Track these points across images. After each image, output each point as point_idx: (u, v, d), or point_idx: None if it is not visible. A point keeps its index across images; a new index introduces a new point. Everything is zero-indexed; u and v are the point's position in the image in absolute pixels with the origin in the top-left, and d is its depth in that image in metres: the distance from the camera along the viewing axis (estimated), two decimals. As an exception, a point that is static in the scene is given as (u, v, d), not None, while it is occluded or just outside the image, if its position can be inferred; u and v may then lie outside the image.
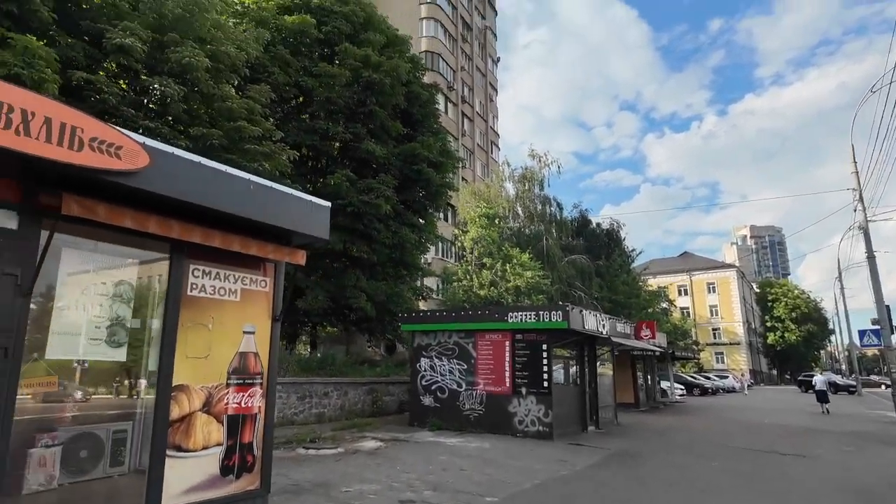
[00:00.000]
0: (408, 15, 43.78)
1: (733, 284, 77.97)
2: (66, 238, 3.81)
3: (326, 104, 15.69)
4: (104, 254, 4.06)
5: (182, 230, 4.25)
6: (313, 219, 5.17)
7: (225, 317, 4.81)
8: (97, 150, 3.41)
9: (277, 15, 16.57)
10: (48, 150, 3.18)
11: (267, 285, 5.25)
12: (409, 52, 19.10)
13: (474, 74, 50.12)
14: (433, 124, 19.22)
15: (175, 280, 4.45)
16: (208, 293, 4.72)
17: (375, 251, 16.07)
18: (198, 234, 4.37)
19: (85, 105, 10.44)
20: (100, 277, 4.04)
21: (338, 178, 14.92)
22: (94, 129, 3.42)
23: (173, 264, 4.46)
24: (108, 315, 4.07)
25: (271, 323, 5.22)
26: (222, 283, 4.84)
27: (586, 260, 35.62)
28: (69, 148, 3.27)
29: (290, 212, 4.94)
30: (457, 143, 44.72)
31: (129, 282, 4.25)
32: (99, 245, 4.02)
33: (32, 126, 3.12)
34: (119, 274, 4.16)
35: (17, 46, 8.65)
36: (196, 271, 4.65)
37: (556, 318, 12.77)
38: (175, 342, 4.37)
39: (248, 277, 5.07)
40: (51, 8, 9.97)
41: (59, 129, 3.23)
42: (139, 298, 4.33)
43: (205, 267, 4.72)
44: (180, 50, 11.06)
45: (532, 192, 37.91)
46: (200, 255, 4.66)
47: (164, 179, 3.90)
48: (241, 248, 4.68)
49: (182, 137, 11.53)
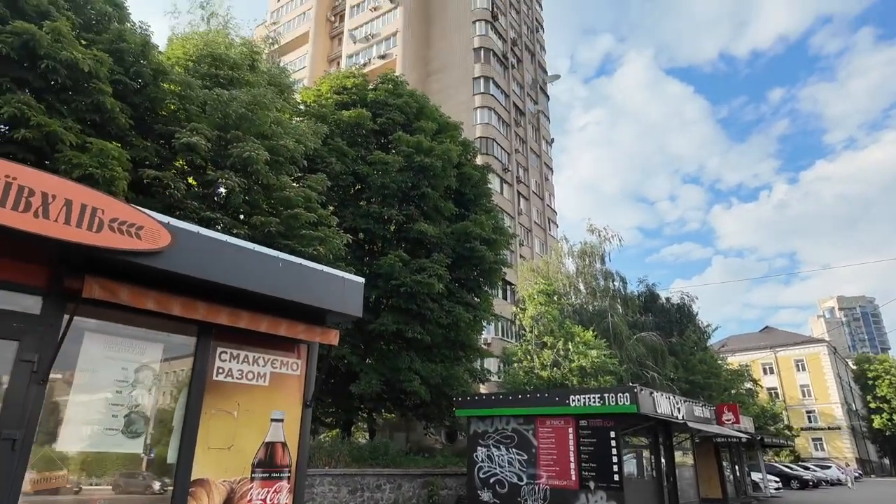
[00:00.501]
0: (463, 105, 45.95)
1: (825, 361, 71.01)
2: (89, 322, 3.74)
3: (381, 189, 16.16)
4: (127, 337, 3.96)
5: (207, 311, 4.12)
6: (346, 296, 4.95)
7: (252, 403, 4.55)
8: (117, 230, 3.38)
9: (336, 111, 17.62)
10: (66, 231, 3.16)
11: (298, 368, 4.99)
12: (460, 136, 19.66)
13: (528, 156, 51.11)
14: (486, 203, 19.33)
15: (200, 364, 4.28)
16: (235, 377, 4.50)
17: (429, 332, 15.74)
18: (224, 315, 4.22)
19: (154, 200, 11.18)
20: (121, 363, 3.91)
21: (391, 259, 15.02)
22: (114, 210, 3.41)
23: (199, 347, 4.31)
24: (128, 403, 3.89)
25: (302, 409, 4.91)
26: (251, 366, 4.63)
27: (657, 337, 33.61)
28: (88, 229, 3.25)
29: (321, 290, 4.75)
30: (513, 221, 44.91)
31: (152, 366, 4.09)
32: (122, 328, 3.93)
33: (52, 208, 3.12)
34: (142, 358, 4.02)
35: (94, 149, 9.41)
36: (223, 354, 4.48)
37: (624, 401, 11.71)
38: (196, 432, 4.12)
39: (279, 360, 4.84)
40: (129, 115, 10.94)
41: (78, 211, 3.22)
42: (161, 384, 4.16)
43: (233, 350, 4.54)
44: (242, 145, 11.76)
45: (593, 268, 36.92)
46: (229, 338, 4.50)
47: (187, 259, 3.82)
48: (269, 329, 4.49)
49: (242, 226, 12.02)
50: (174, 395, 4.20)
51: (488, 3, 49.74)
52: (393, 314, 15.43)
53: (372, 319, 15.48)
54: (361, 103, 17.99)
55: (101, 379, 3.80)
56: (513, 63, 52.13)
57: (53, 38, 9.55)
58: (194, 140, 11.01)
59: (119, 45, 11.14)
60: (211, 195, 12.38)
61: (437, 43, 51.09)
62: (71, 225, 3.18)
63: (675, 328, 37.47)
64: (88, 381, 3.74)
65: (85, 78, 10.04)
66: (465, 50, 48.54)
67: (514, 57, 52.55)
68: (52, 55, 9.49)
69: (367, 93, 18.48)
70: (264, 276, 4.32)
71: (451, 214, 17.43)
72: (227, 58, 13.99)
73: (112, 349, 3.86)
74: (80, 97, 10.14)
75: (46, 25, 9.57)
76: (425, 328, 15.63)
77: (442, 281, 15.45)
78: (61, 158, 9.24)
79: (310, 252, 12.25)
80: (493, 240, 17.55)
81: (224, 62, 13.85)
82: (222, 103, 12.07)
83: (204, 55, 13.90)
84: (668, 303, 40.74)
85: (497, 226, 18.61)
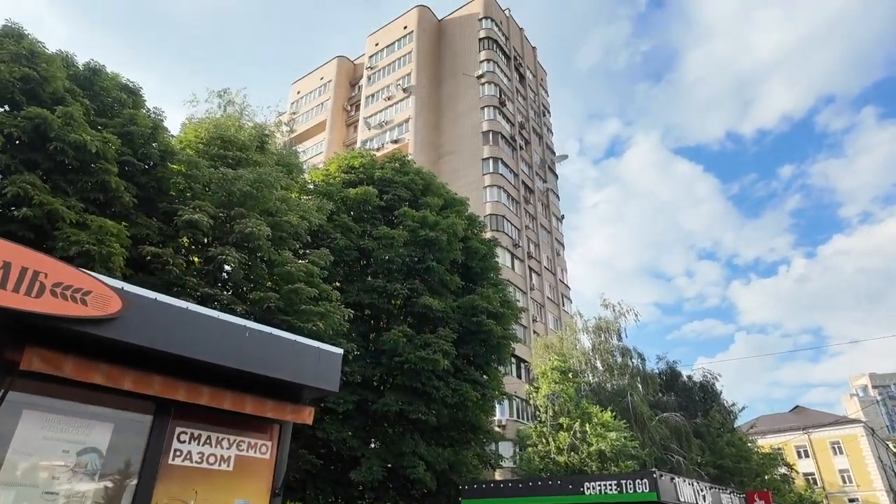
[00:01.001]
0: (473, 184, 47.03)
1: (863, 443, 66.48)
2: (28, 398, 3.42)
3: (386, 263, 16.04)
4: (72, 415, 3.61)
5: (163, 386, 3.80)
6: (322, 369, 4.58)
7: (212, 490, 4.10)
8: (60, 295, 3.14)
9: (343, 188, 17.91)
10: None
11: (268, 451, 4.55)
12: (466, 211, 19.77)
13: (539, 232, 51.43)
14: (493, 276, 19.07)
15: (154, 446, 3.88)
16: (195, 461, 4.08)
17: (435, 412, 14.97)
18: (182, 390, 3.89)
19: (154, 277, 11.11)
20: (62, 444, 3.54)
21: (394, 335, 14.59)
22: (59, 274, 3.19)
23: (155, 427, 3.94)
24: (65, 492, 3.48)
25: (270, 498, 4.41)
26: (213, 448, 4.21)
27: (680, 418, 31.83)
28: (27, 294, 3.02)
29: (294, 362, 4.40)
30: (525, 297, 44.40)
31: (98, 448, 3.71)
32: (67, 405, 3.60)
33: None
34: (86, 439, 3.65)
35: (93, 227, 9.46)
36: (183, 435, 4.08)
37: (643, 489, 10.76)
38: (143, 524, 3.66)
39: (246, 442, 4.42)
40: (134, 194, 11.12)
41: (17, 274, 3.01)
42: (108, 469, 3.75)
43: (194, 430, 4.15)
44: (244, 221, 11.81)
45: (609, 344, 35.78)
46: (191, 416, 4.13)
47: (142, 328, 3.55)
48: (233, 406, 4.12)
49: (241, 303, 11.83)
50: (122, 481, 3.78)
51: (496, 90, 52.14)
52: (397, 393, 14.78)
53: (375, 399, 14.83)
54: (368, 181, 18.31)
55: (36, 463, 3.42)
56: (521, 144, 53.76)
57: (64, 122, 9.89)
58: (196, 217, 11.08)
59: (130, 129, 11.54)
60: (212, 272, 12.30)
61: (448, 128, 53.16)
62: (7, 289, 2.96)
63: (698, 408, 35.61)
64: (21, 466, 3.37)
65: (92, 159, 10.30)
66: (475, 133, 50.36)
67: (521, 139, 54.27)
68: (61, 137, 9.79)
69: (375, 171, 18.86)
70: (229, 346, 4.02)
71: (458, 288, 17.15)
72: (236, 139, 14.43)
73: (52, 428, 3.51)
74: (85, 177, 10.36)
75: (59, 110, 9.95)
76: (430, 408, 14.89)
77: (448, 357, 14.90)
78: (60, 236, 9.28)
79: (309, 328, 11.95)
80: (501, 313, 17.11)
81: (233, 144, 14.27)
82: (227, 181, 12.27)
83: (214, 137, 14.36)
84: (690, 381, 38.99)
85: (505, 299, 18.22)
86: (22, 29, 10.91)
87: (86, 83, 12.07)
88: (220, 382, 4.10)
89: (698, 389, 38.03)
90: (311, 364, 4.50)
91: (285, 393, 4.52)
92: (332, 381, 4.62)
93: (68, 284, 3.20)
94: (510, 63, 58.00)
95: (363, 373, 15.19)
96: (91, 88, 12.05)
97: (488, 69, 53.15)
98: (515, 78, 57.84)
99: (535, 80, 63.54)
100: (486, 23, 56.20)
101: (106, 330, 3.35)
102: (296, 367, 4.40)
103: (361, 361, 15.51)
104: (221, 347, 3.96)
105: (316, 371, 4.53)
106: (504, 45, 57.81)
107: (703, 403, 36.44)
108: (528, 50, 64.92)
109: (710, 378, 39.31)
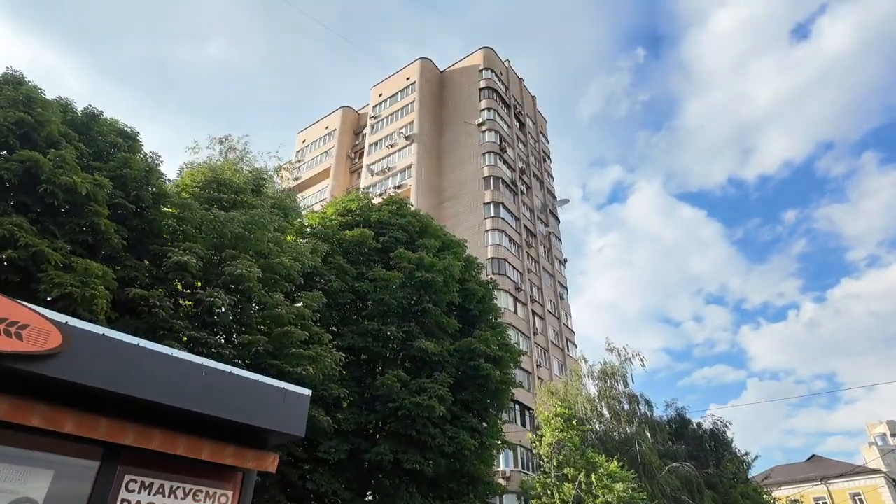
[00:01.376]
0: (474, 228, 47.23)
1: (885, 494, 63.60)
2: (-44, 442, 3.17)
3: (380, 305, 15.76)
4: (7, 461, 3.34)
5: (110, 429, 3.54)
6: (287, 412, 4.30)
7: (162, 547, 3.76)
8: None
9: (338, 231, 17.86)
10: (-78, 329, 2.73)
11: (228, 501, 4.22)
12: (464, 253, 19.62)
13: (542, 275, 51.17)
14: (492, 319, 18.71)
15: (98, 496, 3.59)
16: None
17: (431, 461, 14.35)
18: (131, 434, 3.62)
19: (140, 320, 10.90)
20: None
21: (388, 380, 14.16)
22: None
23: (101, 474, 3.65)
24: (-9, 546, 3.18)
25: (228, 554, 4.06)
26: (165, 499, 3.90)
27: (691, 468, 30.59)
28: (-47, 327, 2.82)
29: (256, 404, 4.13)
30: (529, 341, 43.68)
31: (34, 499, 3.42)
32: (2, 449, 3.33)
33: None
34: (21, 488, 3.36)
35: (79, 269, 9.33)
36: (132, 484, 3.78)
37: (649, 544, 10.09)
38: (78, 585, 3.33)
39: (204, 491, 4.10)
40: (124, 237, 11.05)
41: (-56, 307, 2.82)
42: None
43: (146, 478, 3.85)
44: (235, 263, 11.68)
45: (615, 390, 34.86)
46: (143, 463, 3.84)
47: (86, 365, 3.33)
48: (188, 452, 3.84)
49: (227, 346, 11.55)
50: (58, 536, 3.47)
51: (496, 137, 53.09)
52: (391, 441, 14.22)
53: (368, 448, 14.26)
54: (365, 223, 18.26)
55: (-39, 515, 3.14)
56: (522, 189, 54.25)
57: (56, 165, 9.92)
58: (185, 259, 10.96)
59: (123, 171, 11.58)
60: (201, 315, 12.08)
61: (449, 174, 53.87)
62: (-69, 322, 2.77)
63: (710, 457, 34.31)
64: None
65: (83, 201, 10.27)
66: (476, 179, 50.95)
67: (522, 184, 54.82)
68: (51, 180, 9.80)
69: (371, 213, 18.85)
70: (184, 387, 3.77)
71: (455, 331, 16.79)
72: (232, 183, 14.49)
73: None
74: (76, 219, 10.31)
75: (51, 153, 10.00)
76: (426, 457, 14.29)
77: (444, 403, 14.40)
78: (44, 278, 9.14)
79: (298, 373, 11.60)
80: (500, 357, 16.66)
81: (228, 187, 14.32)
82: (219, 223, 12.21)
83: (210, 181, 14.44)
84: (700, 429, 37.73)
85: (504, 342, 17.80)
86: (22, 76, 11.13)
87: (82, 128, 12.22)
88: (175, 425, 3.84)
89: (709, 437, 36.74)
90: (276, 406, 4.23)
91: (248, 438, 4.23)
92: (297, 426, 4.33)
93: (2, 317, 3.01)
94: (510, 111, 59.27)
95: (357, 420, 14.69)
96: (87, 133, 12.19)
97: (489, 117, 54.28)
98: (515, 125, 58.97)
99: (535, 127, 64.77)
100: (487, 73, 57.81)
101: (44, 367, 3.13)
102: (258, 410, 4.12)
103: (355, 408, 15.03)
104: (176, 387, 3.72)
105: (280, 414, 4.25)
106: (504, 94, 59.22)
107: (715, 452, 35.11)
108: (528, 99, 66.46)
109: (720, 425, 38.03)
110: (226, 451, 4.04)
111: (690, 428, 37.85)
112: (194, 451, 3.87)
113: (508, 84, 61.36)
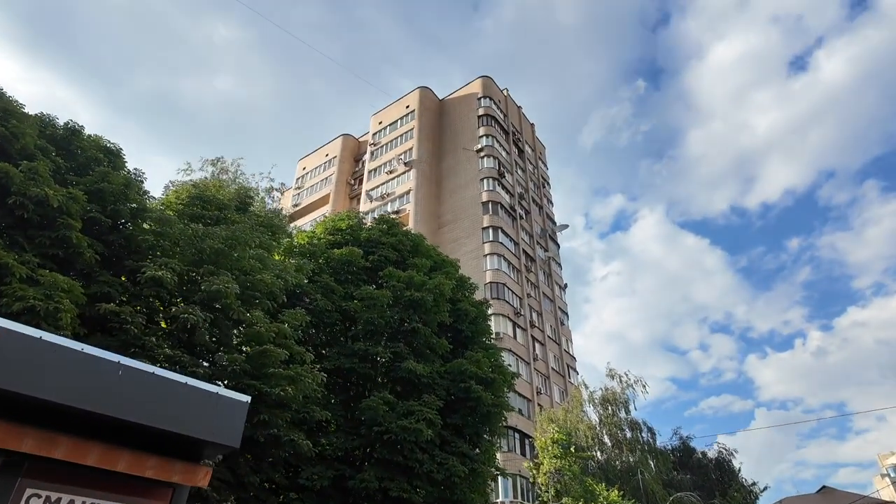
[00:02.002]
0: (473, 253, 46.94)
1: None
2: None
3: (368, 324, 15.28)
4: None
5: (5, 434, 3.12)
6: (221, 419, 3.87)
7: (66, 572, 3.30)
8: None
9: (327, 249, 17.50)
10: None
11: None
12: (456, 273, 19.20)
13: (542, 301, 50.60)
14: (484, 341, 18.17)
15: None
16: (47, 533, 3.31)
17: (418, 489, 13.67)
18: (31, 440, 3.20)
19: (111, 337, 10.47)
20: None
21: (373, 402, 13.58)
22: None
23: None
24: None
25: (148, 583, 3.58)
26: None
27: (697, 498, 29.58)
28: None
29: (183, 409, 3.70)
30: (528, 367, 42.87)
31: None
32: None
33: None
34: None
35: (45, 282, 8.97)
36: (34, 499, 3.34)
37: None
38: None
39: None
40: (99, 251, 10.71)
41: None
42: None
43: (51, 492, 3.41)
44: (212, 279, 11.30)
45: (617, 417, 34.02)
46: (50, 475, 3.40)
47: (-27, 359, 2.94)
48: (101, 463, 3.40)
49: (201, 365, 11.10)
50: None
51: (495, 163, 53.25)
52: (377, 468, 13.58)
53: (353, 475, 13.62)
54: (354, 242, 17.92)
55: None
56: (521, 214, 54.13)
57: (28, 177, 9.66)
58: (160, 274, 10.58)
59: (101, 186, 11.31)
60: (177, 333, 11.65)
61: (448, 199, 53.85)
62: None
63: (715, 487, 33.25)
64: None
65: (55, 214, 9.98)
66: (474, 204, 50.89)
67: (521, 209, 54.71)
68: (22, 191, 9.53)
69: (361, 232, 18.54)
70: (96, 387, 3.36)
71: (446, 352, 16.25)
72: (216, 199, 14.24)
73: None
74: (46, 232, 9.99)
75: (24, 165, 9.75)
76: (413, 485, 13.63)
77: (433, 427, 13.80)
78: (6, 290, 8.77)
79: (277, 393, 11.11)
80: (492, 380, 16.07)
81: (212, 203, 14.07)
82: (197, 238, 11.89)
83: (193, 197, 14.18)
84: (705, 458, 36.69)
85: (497, 364, 17.24)
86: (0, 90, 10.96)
87: (62, 142, 12.04)
88: (86, 432, 3.41)
89: (714, 467, 35.73)
90: (207, 413, 3.80)
91: (174, 448, 3.79)
92: (232, 436, 3.88)
93: None
94: (509, 138, 59.61)
95: (344, 446, 14.08)
96: (67, 148, 12.00)
97: (487, 143, 54.55)
98: (514, 152, 59.22)
99: (533, 153, 65.07)
100: (485, 101, 58.35)
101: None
102: (186, 416, 3.69)
103: (341, 433, 14.44)
104: (86, 388, 3.31)
105: (213, 422, 3.81)
106: (502, 121, 59.65)
107: (721, 482, 34.06)
108: (527, 126, 66.95)
109: (725, 454, 37.01)
110: (147, 462, 3.60)
111: (695, 457, 36.83)
112: (108, 461, 3.44)
113: (507, 111, 61.85)
